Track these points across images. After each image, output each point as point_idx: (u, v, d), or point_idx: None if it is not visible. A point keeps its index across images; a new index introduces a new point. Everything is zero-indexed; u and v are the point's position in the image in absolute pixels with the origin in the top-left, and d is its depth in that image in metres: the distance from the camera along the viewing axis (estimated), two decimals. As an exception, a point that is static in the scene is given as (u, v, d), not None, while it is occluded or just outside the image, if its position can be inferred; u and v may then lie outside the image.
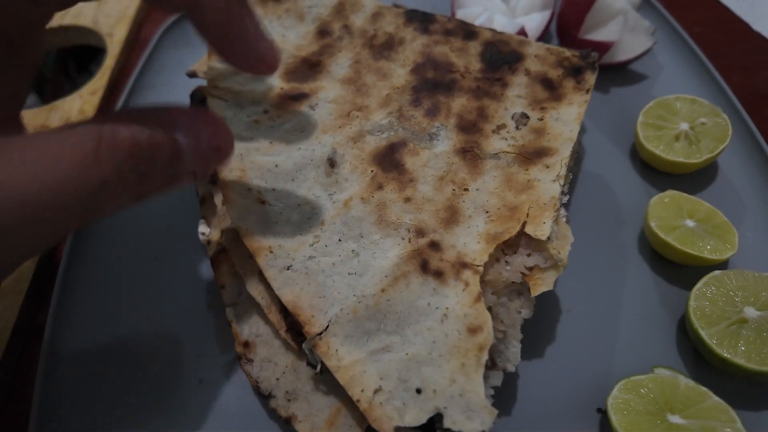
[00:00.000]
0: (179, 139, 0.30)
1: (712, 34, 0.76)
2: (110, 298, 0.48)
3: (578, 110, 0.48)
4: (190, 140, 0.30)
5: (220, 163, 0.33)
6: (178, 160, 0.30)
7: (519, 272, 0.40)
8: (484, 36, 0.53)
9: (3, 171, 0.23)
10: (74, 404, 0.42)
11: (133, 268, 0.50)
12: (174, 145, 0.29)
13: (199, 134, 0.31)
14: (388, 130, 0.47)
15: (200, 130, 0.31)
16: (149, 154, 0.28)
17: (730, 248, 0.48)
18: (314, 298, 0.39)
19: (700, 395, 0.40)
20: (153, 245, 0.51)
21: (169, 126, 0.29)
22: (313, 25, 0.54)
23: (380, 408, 0.35)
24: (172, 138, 0.29)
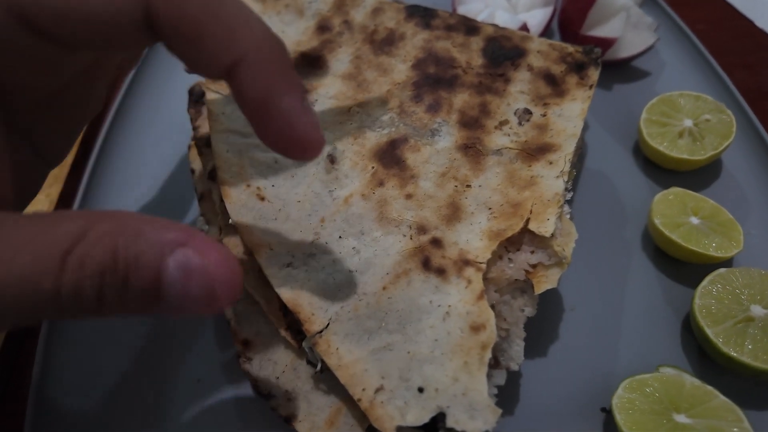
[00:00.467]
0: (167, 269, 0.24)
1: (715, 31, 0.75)
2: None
3: (581, 106, 0.47)
4: (177, 277, 0.24)
5: (204, 312, 0.26)
6: (156, 296, 0.24)
7: (522, 270, 0.40)
8: (486, 31, 0.52)
9: None
10: (71, 404, 0.42)
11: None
12: (157, 274, 0.24)
13: (192, 274, 0.24)
14: (389, 126, 0.46)
15: (195, 270, 0.24)
16: (122, 281, 0.23)
17: (736, 246, 0.47)
18: (314, 295, 0.38)
19: (706, 394, 0.40)
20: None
21: (164, 248, 0.24)
22: (313, 20, 0.54)
23: (382, 407, 0.34)
24: (159, 265, 0.24)
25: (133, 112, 0.61)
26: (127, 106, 0.62)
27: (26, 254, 0.22)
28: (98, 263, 0.23)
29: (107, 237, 0.23)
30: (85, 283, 0.23)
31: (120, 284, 0.23)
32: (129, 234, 0.24)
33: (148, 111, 0.62)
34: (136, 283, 0.24)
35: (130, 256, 0.23)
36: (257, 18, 0.29)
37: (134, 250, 0.23)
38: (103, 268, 0.23)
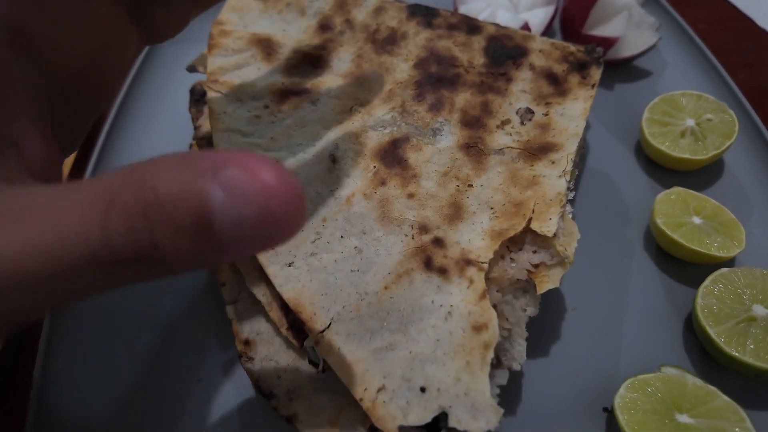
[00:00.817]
0: (213, 194, 0.20)
1: (717, 30, 0.75)
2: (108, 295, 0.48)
3: (584, 105, 0.47)
4: (226, 201, 0.20)
5: (270, 243, 0.22)
6: (210, 230, 0.20)
7: (524, 269, 0.39)
8: (488, 30, 0.52)
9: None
10: (72, 404, 0.42)
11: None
12: (203, 200, 0.20)
13: (241, 193, 0.20)
14: (390, 126, 0.46)
15: (244, 188, 0.20)
16: (170, 218, 0.20)
17: (738, 245, 0.47)
18: (316, 295, 0.38)
19: (709, 394, 0.40)
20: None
21: (207, 173, 0.20)
22: (315, 19, 0.54)
23: (384, 407, 0.34)
24: (203, 190, 0.20)
25: (134, 111, 0.61)
26: (128, 106, 0.62)
27: (70, 216, 0.20)
28: (142, 204, 0.20)
29: (147, 178, 0.20)
30: (135, 232, 0.20)
31: (169, 222, 0.20)
32: (166, 170, 0.20)
33: (149, 110, 0.62)
34: (182, 218, 0.20)
35: (172, 192, 0.20)
36: None
37: (177, 183, 0.20)
38: (145, 212, 0.20)
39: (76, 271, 0.20)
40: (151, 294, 0.48)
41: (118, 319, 0.46)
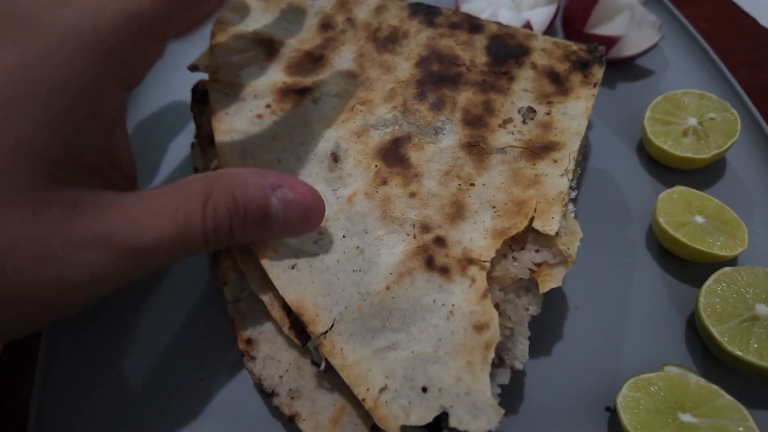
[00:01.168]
0: (272, 204, 0.35)
1: (719, 29, 0.75)
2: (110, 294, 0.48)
3: (586, 104, 0.47)
4: (280, 209, 0.35)
5: (304, 232, 0.38)
6: (267, 221, 0.35)
7: (527, 268, 0.39)
8: (490, 29, 0.52)
9: (120, 227, 0.28)
10: (73, 403, 0.42)
11: (133, 265, 0.49)
12: (266, 209, 0.34)
13: (289, 205, 0.35)
14: (392, 125, 0.46)
15: (291, 202, 0.35)
16: (243, 218, 0.34)
17: (740, 244, 0.47)
18: (318, 296, 0.38)
19: (712, 393, 0.40)
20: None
21: (267, 190, 0.34)
22: (316, 18, 0.54)
23: (386, 407, 0.34)
24: (267, 203, 0.34)
25: (135, 110, 0.61)
26: (130, 105, 0.62)
27: (175, 215, 0.30)
28: (226, 209, 0.33)
29: (227, 189, 0.33)
30: (221, 224, 0.33)
31: (242, 220, 0.34)
32: (241, 185, 0.33)
33: (150, 109, 0.62)
34: (253, 218, 0.34)
35: (246, 200, 0.33)
36: None
37: (247, 195, 0.33)
38: (229, 212, 0.33)
39: (184, 246, 0.31)
40: (153, 294, 0.48)
41: (120, 319, 0.46)
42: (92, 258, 0.27)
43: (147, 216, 0.29)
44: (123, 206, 0.29)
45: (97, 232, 0.27)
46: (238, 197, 0.33)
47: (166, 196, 0.31)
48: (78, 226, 0.27)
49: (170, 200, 0.31)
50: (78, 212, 0.27)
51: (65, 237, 0.26)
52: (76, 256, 0.27)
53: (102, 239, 0.27)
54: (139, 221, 0.29)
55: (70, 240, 0.26)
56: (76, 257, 0.27)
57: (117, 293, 0.47)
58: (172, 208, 0.30)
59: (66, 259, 0.26)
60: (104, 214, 0.28)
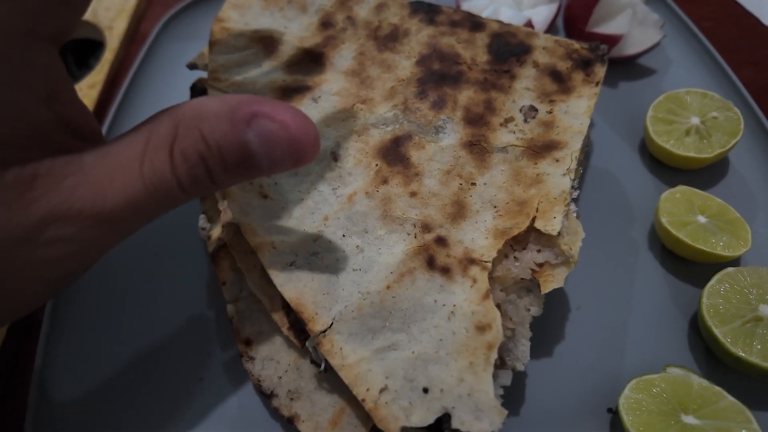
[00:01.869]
0: (250, 141, 0.28)
1: (722, 28, 0.74)
2: (109, 294, 0.47)
3: (588, 103, 0.46)
4: (260, 144, 0.28)
5: (299, 166, 0.30)
6: (249, 161, 0.29)
7: (528, 268, 0.39)
8: (492, 27, 0.52)
9: (80, 194, 0.25)
10: (72, 402, 0.42)
11: (132, 264, 0.49)
12: (244, 147, 0.28)
13: (271, 138, 0.28)
14: (393, 123, 0.46)
15: (272, 134, 0.28)
16: (221, 159, 0.28)
17: (743, 245, 0.47)
18: (318, 294, 0.38)
19: (715, 395, 0.39)
20: (152, 241, 0.50)
21: (242, 124, 0.28)
22: (316, 16, 0.53)
23: (386, 408, 0.34)
24: (243, 140, 0.28)
25: (134, 108, 0.61)
26: (128, 103, 0.61)
27: (144, 168, 0.26)
28: (196, 152, 0.27)
29: (193, 128, 0.27)
30: (195, 171, 0.27)
31: (220, 162, 0.28)
32: (209, 119, 0.27)
33: (150, 107, 0.61)
34: (232, 159, 0.28)
35: (218, 139, 0.27)
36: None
37: (218, 132, 0.27)
38: (201, 155, 0.27)
39: (158, 201, 0.27)
40: (152, 292, 0.47)
41: (118, 318, 0.46)
42: (54, 234, 0.25)
43: (109, 175, 0.26)
44: (81, 170, 0.25)
45: (54, 205, 0.24)
46: (208, 136, 0.27)
47: (130, 147, 0.27)
48: (31, 204, 0.24)
49: (134, 151, 0.27)
50: (27, 188, 0.24)
51: (18, 219, 0.24)
52: (36, 236, 0.24)
53: (61, 212, 0.24)
54: (100, 183, 0.25)
55: (25, 220, 0.24)
56: (36, 237, 0.24)
57: (115, 291, 0.47)
58: (137, 160, 0.26)
59: (26, 242, 0.24)
60: (59, 184, 0.25)
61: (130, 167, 0.26)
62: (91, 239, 0.26)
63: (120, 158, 0.26)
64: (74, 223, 0.25)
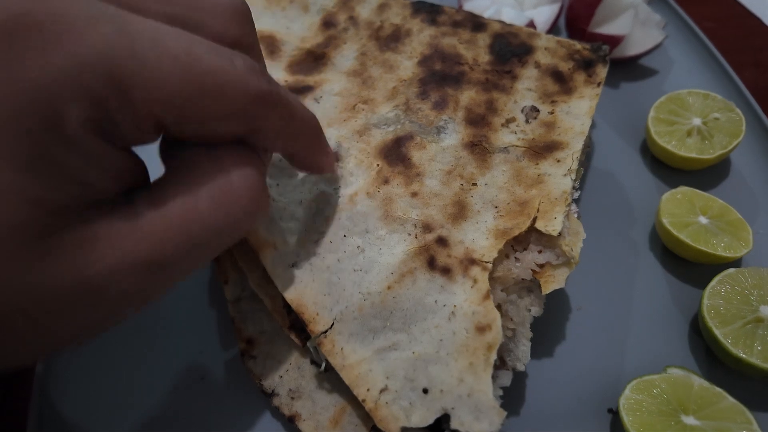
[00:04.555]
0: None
1: (724, 29, 0.74)
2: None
3: (589, 104, 0.46)
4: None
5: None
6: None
7: (529, 269, 0.39)
8: (493, 28, 0.52)
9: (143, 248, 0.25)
10: (73, 402, 0.42)
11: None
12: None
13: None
14: (394, 124, 0.46)
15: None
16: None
17: (745, 246, 0.47)
18: (319, 295, 0.38)
19: (715, 396, 0.39)
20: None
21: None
22: (318, 16, 0.53)
23: (386, 408, 0.34)
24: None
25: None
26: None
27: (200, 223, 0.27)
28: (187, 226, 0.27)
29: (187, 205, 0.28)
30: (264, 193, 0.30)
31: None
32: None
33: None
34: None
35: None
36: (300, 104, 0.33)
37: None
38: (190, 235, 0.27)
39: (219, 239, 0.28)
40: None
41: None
42: (118, 289, 0.25)
43: (166, 225, 0.26)
44: (139, 227, 0.26)
45: (116, 261, 0.25)
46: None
47: (183, 194, 0.27)
48: (96, 263, 0.24)
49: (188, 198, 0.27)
50: (90, 249, 0.24)
51: (84, 277, 0.24)
52: (102, 292, 0.25)
53: (124, 268, 0.25)
54: (158, 234, 0.26)
55: (91, 279, 0.24)
56: (102, 293, 0.25)
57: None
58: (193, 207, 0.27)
59: (92, 297, 0.25)
60: (120, 242, 0.25)
61: (188, 216, 0.27)
62: (151, 287, 0.27)
63: (175, 210, 0.27)
64: (135, 276, 0.25)
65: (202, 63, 0.25)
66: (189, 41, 0.25)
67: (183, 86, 0.25)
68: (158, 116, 0.25)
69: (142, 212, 0.26)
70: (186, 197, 0.27)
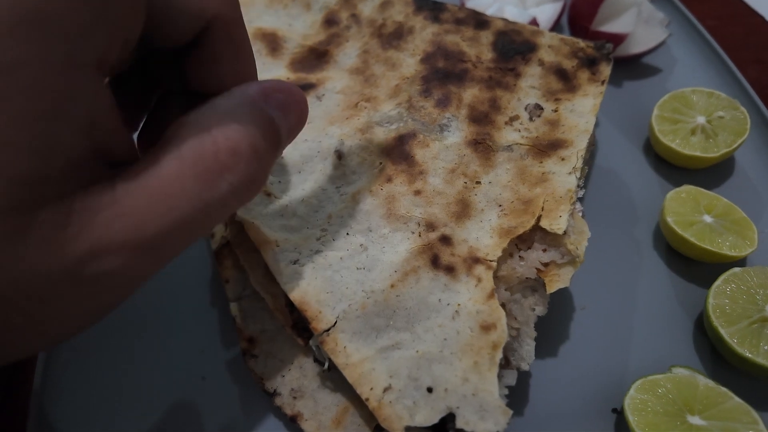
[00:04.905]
0: (276, 122, 0.29)
1: (727, 27, 0.74)
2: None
3: (593, 102, 0.46)
4: (282, 116, 0.29)
5: (301, 129, 0.31)
6: (280, 144, 0.29)
7: (534, 268, 0.39)
8: (496, 25, 0.51)
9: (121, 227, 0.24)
10: (74, 401, 0.41)
11: (135, 262, 0.49)
12: (277, 132, 0.29)
13: (290, 112, 0.30)
14: (397, 121, 0.45)
15: (288, 103, 0.29)
16: (265, 152, 0.28)
17: (750, 244, 0.47)
18: (321, 293, 0.37)
19: (721, 396, 0.39)
20: (156, 239, 0.50)
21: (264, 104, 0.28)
22: (320, 14, 0.53)
23: (390, 407, 0.33)
24: (276, 125, 0.29)
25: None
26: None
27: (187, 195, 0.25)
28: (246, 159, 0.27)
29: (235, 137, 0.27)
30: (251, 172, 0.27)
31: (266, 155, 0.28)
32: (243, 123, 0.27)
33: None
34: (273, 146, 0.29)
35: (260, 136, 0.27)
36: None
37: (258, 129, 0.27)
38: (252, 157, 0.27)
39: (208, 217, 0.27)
40: (154, 291, 0.47)
41: (121, 316, 0.46)
42: (97, 269, 0.24)
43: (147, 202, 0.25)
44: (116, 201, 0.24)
45: (93, 241, 0.23)
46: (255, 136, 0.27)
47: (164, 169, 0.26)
48: (69, 241, 0.23)
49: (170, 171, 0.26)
50: (63, 225, 0.23)
51: (58, 257, 0.22)
52: (78, 272, 0.23)
53: (101, 247, 0.23)
54: (138, 212, 0.24)
55: (65, 258, 0.23)
56: (78, 274, 0.23)
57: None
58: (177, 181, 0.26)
59: (68, 279, 0.23)
60: (95, 218, 0.23)
61: (170, 189, 0.25)
62: (134, 269, 0.25)
63: (156, 183, 0.25)
64: (116, 256, 0.24)
65: None
66: None
67: None
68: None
69: (125, 187, 0.24)
70: (170, 170, 0.25)
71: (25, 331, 0.24)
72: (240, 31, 0.31)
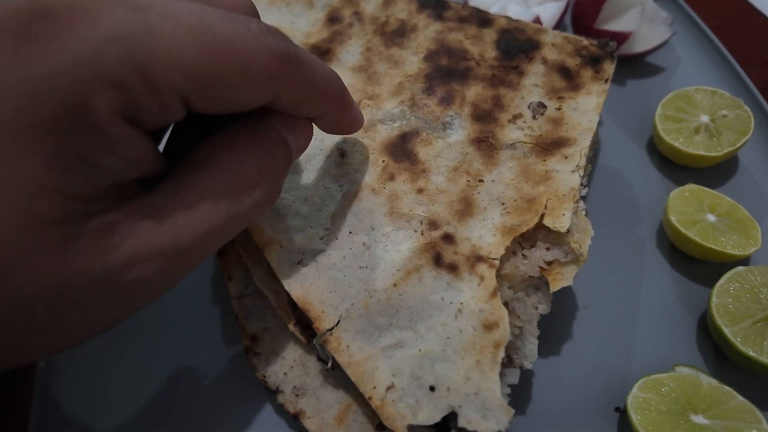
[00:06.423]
0: (290, 144, 0.32)
1: (731, 26, 0.74)
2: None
3: (597, 100, 0.46)
4: (294, 143, 0.33)
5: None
6: (291, 162, 0.33)
7: (537, 266, 0.39)
8: (500, 23, 0.51)
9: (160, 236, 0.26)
10: (76, 399, 0.41)
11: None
12: (290, 153, 0.32)
13: (300, 135, 0.33)
14: (400, 119, 0.45)
15: (299, 131, 0.33)
16: (282, 171, 0.32)
17: (753, 244, 0.46)
18: (324, 292, 0.37)
19: (724, 395, 0.39)
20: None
21: (283, 133, 0.32)
22: (323, 12, 0.53)
23: (393, 405, 0.33)
24: (289, 147, 0.32)
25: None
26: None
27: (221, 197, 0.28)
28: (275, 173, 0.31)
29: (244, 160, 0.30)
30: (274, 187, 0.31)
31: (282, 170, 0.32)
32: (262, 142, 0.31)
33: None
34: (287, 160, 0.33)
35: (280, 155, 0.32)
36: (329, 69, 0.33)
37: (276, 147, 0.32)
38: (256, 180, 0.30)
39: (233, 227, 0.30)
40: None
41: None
42: (137, 275, 0.26)
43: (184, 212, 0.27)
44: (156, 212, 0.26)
45: (136, 248, 0.25)
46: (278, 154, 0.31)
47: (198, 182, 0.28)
48: (113, 249, 0.25)
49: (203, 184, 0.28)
50: (109, 234, 0.25)
51: (102, 263, 0.25)
52: (119, 278, 0.25)
53: (142, 254, 0.25)
54: (176, 221, 0.27)
55: (108, 264, 0.25)
56: (119, 279, 0.25)
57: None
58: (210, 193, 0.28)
59: (109, 284, 0.25)
60: (137, 228, 0.26)
61: (203, 203, 0.27)
62: (167, 275, 0.27)
63: (191, 198, 0.27)
64: (155, 263, 0.26)
65: (216, 30, 0.25)
66: (201, 11, 0.25)
67: (201, 56, 0.24)
68: (180, 89, 0.25)
69: (162, 201, 0.27)
70: (203, 187, 0.28)
71: (50, 333, 0.25)
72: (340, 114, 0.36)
